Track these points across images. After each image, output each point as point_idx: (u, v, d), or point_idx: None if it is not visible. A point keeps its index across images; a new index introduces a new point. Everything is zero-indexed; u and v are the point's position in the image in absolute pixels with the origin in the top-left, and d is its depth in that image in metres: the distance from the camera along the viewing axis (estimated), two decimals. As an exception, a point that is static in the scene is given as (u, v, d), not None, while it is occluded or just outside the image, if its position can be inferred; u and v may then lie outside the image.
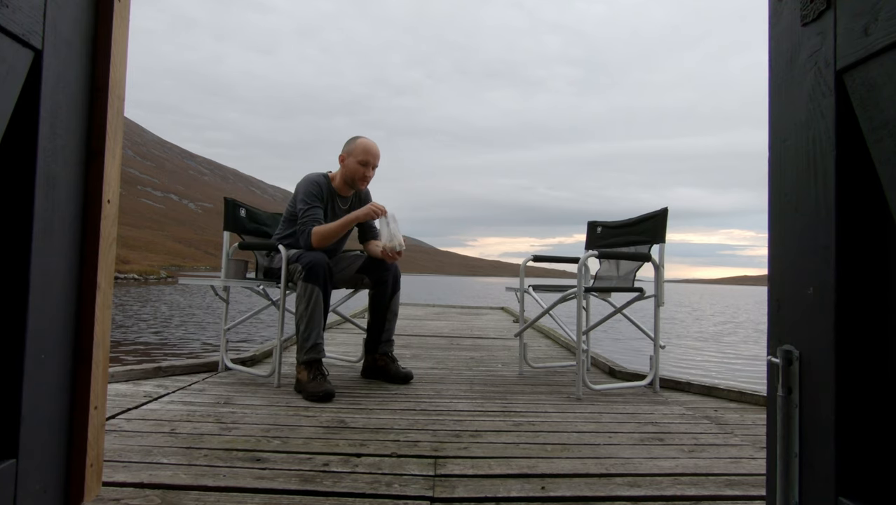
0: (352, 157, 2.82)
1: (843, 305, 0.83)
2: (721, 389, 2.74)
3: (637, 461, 1.72)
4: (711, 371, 7.28)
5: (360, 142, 2.82)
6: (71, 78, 1.12)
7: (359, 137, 2.85)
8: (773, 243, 1.01)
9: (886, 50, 0.74)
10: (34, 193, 1.01)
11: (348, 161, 2.83)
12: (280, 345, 2.68)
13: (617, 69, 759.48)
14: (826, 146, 0.86)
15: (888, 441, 0.80)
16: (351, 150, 2.82)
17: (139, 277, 46.71)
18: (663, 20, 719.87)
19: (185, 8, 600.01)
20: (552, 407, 2.41)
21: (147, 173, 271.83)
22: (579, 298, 2.69)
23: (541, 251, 74.97)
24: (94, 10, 1.19)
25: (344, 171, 2.85)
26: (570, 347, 4.28)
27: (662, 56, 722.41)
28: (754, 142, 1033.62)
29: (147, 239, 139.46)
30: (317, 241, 2.70)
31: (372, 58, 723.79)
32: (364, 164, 2.81)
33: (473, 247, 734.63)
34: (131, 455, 1.63)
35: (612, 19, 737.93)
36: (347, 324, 5.02)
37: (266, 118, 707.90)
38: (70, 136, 1.13)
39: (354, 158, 2.81)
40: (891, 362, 0.80)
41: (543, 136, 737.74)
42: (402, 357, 3.55)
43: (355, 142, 2.83)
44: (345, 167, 2.85)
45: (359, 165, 2.81)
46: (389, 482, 1.49)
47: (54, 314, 1.11)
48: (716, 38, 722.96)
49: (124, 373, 2.68)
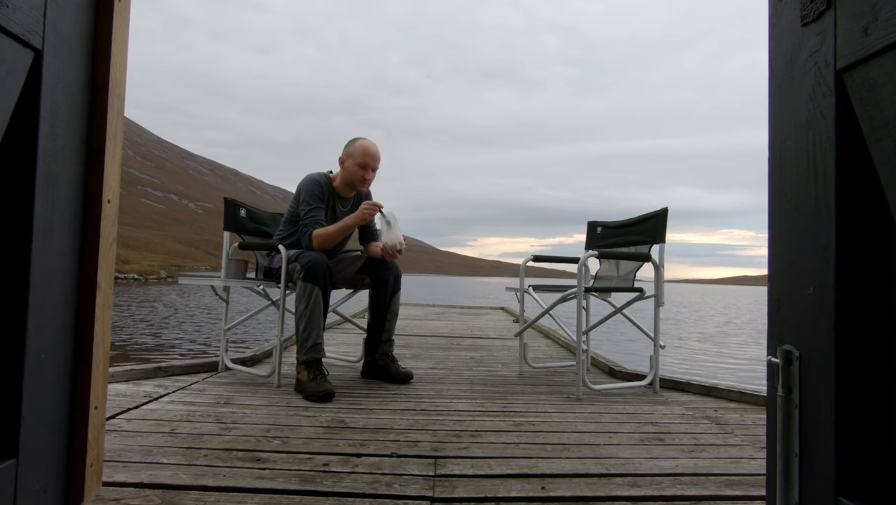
0: (351, 160, 2.79)
1: (843, 305, 0.83)
2: (721, 389, 2.74)
3: (637, 461, 1.72)
4: (711, 371, 7.29)
5: (359, 144, 2.80)
6: (71, 78, 1.12)
7: (358, 139, 2.84)
8: (773, 243, 1.01)
9: (886, 50, 0.74)
10: (34, 193, 1.01)
11: (348, 164, 2.81)
12: (280, 345, 2.68)
13: (615, 68, 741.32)
14: (826, 146, 0.86)
15: (888, 441, 0.80)
16: (350, 153, 2.80)
17: (139, 277, 46.72)
18: (661, 19, 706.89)
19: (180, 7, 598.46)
20: (552, 407, 2.41)
21: (147, 173, 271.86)
22: (579, 298, 2.69)
23: (541, 251, 74.18)
24: (94, 10, 1.19)
25: (343, 174, 2.83)
26: (570, 347, 4.28)
27: (660, 55, 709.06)
28: (754, 142, 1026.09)
29: (147, 239, 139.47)
30: (317, 245, 2.70)
31: (370, 57, 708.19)
32: (363, 166, 2.78)
33: (473, 247, 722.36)
34: (131, 455, 1.63)
35: (609, 18, 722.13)
36: (347, 324, 5.02)
37: (265, 118, 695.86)
38: (70, 136, 1.13)
39: (354, 161, 2.79)
40: (891, 362, 0.80)
41: (542, 135, 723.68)
42: (402, 357, 3.55)
43: (354, 144, 2.81)
44: (344, 170, 2.83)
45: (358, 168, 2.78)
46: (389, 482, 1.49)
47: (54, 314, 1.11)
48: (714, 38, 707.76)
49: (124, 373, 2.68)
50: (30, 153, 1.01)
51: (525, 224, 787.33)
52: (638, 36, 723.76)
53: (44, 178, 1.04)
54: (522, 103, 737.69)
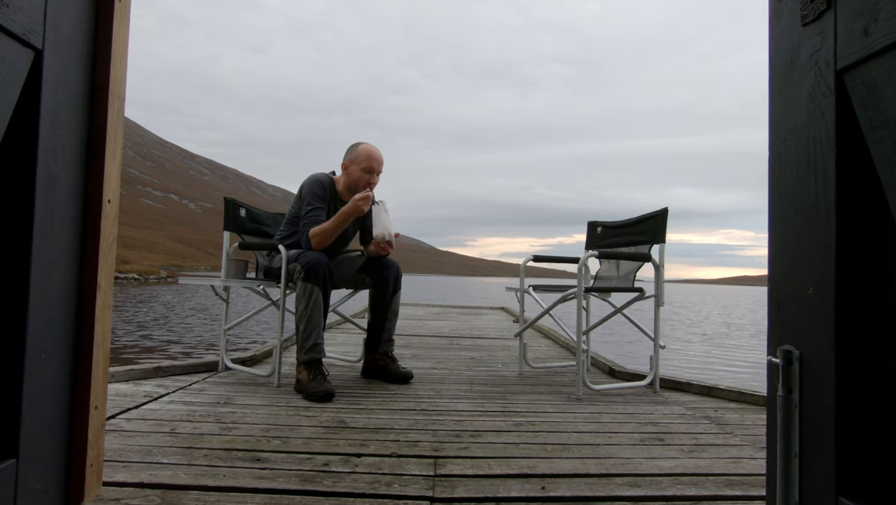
0: (356, 165, 2.79)
1: (843, 305, 0.83)
2: (721, 389, 2.74)
3: (637, 461, 1.72)
4: (711, 372, 7.28)
5: (362, 149, 2.80)
6: (71, 78, 1.12)
7: (360, 144, 2.83)
8: (773, 243, 1.01)
9: (886, 50, 0.74)
10: (34, 193, 1.01)
11: (352, 169, 2.80)
12: (280, 345, 2.68)
13: (612, 68, 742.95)
14: (826, 146, 0.86)
15: (888, 441, 0.80)
16: (354, 158, 2.79)
17: (139, 277, 46.72)
18: (657, 19, 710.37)
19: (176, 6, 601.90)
20: (552, 407, 2.41)
21: (147, 173, 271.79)
22: (579, 299, 2.69)
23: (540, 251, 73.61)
24: (94, 10, 1.19)
25: (347, 179, 2.82)
26: (570, 347, 4.28)
27: (658, 55, 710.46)
28: (753, 142, 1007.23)
29: (147, 239, 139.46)
30: (316, 243, 2.70)
31: (367, 57, 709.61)
32: (369, 171, 2.78)
33: (473, 247, 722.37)
34: (131, 455, 1.63)
35: (605, 17, 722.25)
36: (347, 324, 5.02)
37: (262, 118, 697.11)
38: (70, 136, 1.13)
39: (358, 166, 2.78)
40: (891, 362, 0.80)
41: (540, 135, 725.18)
42: (402, 357, 3.55)
43: (357, 149, 2.81)
44: (348, 175, 2.82)
45: (363, 173, 2.78)
46: (389, 482, 1.49)
47: (54, 314, 1.11)
48: (712, 38, 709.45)
49: (124, 373, 2.68)
50: (30, 153, 1.01)
51: (525, 224, 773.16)
52: (634, 35, 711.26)
53: (44, 178, 1.04)
54: (521, 103, 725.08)
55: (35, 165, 1.01)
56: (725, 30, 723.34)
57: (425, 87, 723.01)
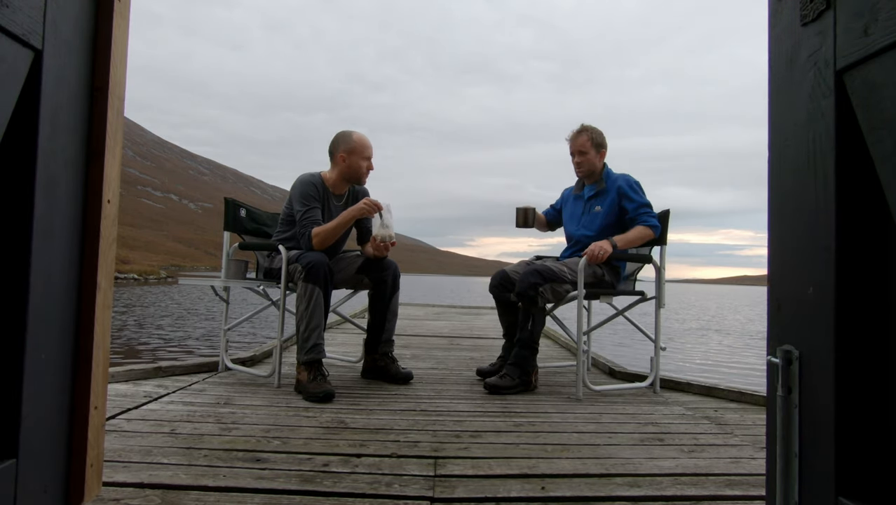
0: (355, 155, 2.80)
1: (843, 305, 0.83)
2: (721, 389, 2.74)
3: (637, 461, 1.72)
4: (711, 371, 7.28)
5: (356, 138, 2.82)
6: (71, 78, 1.12)
7: (351, 133, 2.84)
8: (773, 243, 1.01)
9: (886, 50, 0.74)
10: (34, 194, 1.01)
11: (351, 159, 2.81)
12: (280, 345, 2.68)
13: (593, 64, 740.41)
14: (826, 146, 0.86)
15: (888, 441, 0.80)
16: (352, 148, 2.81)
17: (139, 277, 46.71)
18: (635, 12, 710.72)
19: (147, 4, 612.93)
20: (552, 407, 2.41)
21: (147, 173, 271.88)
22: (580, 299, 2.69)
23: (540, 251, 74.52)
24: (94, 10, 1.19)
25: (345, 169, 2.83)
26: (570, 347, 4.28)
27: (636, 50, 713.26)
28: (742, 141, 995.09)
29: (147, 239, 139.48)
30: (317, 243, 2.70)
31: (345, 52, 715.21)
32: (367, 158, 2.83)
33: (473, 247, 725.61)
34: (131, 455, 1.63)
35: (581, 12, 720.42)
36: (347, 324, 5.02)
37: (245, 115, 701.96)
38: (70, 136, 1.13)
39: (358, 156, 2.80)
40: (891, 362, 0.80)
41: (527, 133, 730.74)
42: (402, 357, 3.54)
43: (351, 138, 2.82)
44: (346, 166, 2.83)
45: (363, 161, 2.82)
46: (389, 482, 1.49)
47: (54, 314, 1.11)
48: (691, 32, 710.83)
49: (124, 373, 2.68)
50: (30, 153, 1.01)
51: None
52: (613, 29, 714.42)
53: (44, 178, 1.04)
54: (505, 100, 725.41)
55: (35, 166, 1.01)
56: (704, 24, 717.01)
57: (406, 84, 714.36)
